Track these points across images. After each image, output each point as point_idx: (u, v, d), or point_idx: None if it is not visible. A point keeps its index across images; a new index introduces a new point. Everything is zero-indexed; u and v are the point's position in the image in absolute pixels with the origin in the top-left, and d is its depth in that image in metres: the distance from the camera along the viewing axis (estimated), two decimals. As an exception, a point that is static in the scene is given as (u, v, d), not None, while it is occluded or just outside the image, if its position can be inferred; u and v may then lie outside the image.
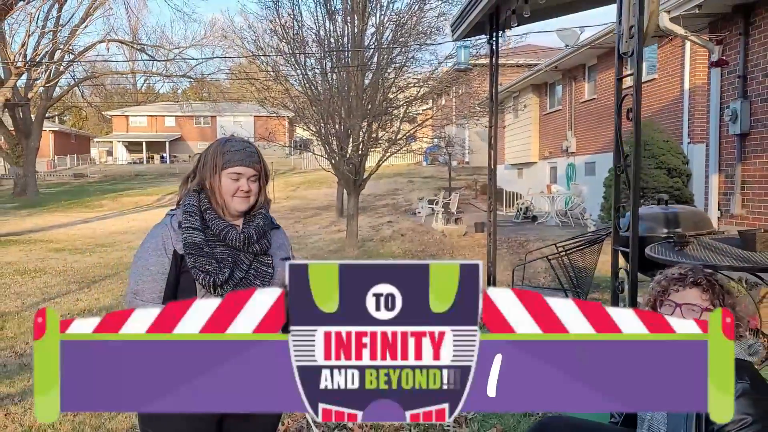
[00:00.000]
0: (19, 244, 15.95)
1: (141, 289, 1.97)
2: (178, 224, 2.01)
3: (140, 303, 1.95)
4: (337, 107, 12.34)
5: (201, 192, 2.05)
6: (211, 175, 2.02)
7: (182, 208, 2.03)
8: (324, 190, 27.26)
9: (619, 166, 2.67)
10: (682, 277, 2.02)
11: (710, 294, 1.98)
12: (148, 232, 2.08)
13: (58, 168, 45.35)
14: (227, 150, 2.02)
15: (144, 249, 2.02)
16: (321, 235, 16.06)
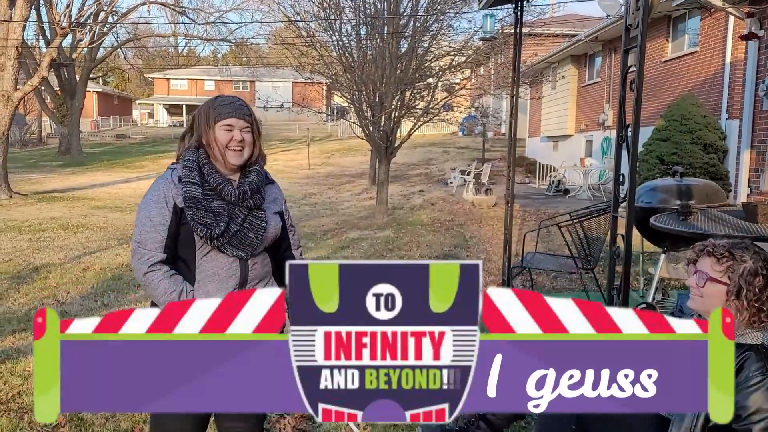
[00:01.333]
0: (63, 200, 16.60)
1: (144, 239, 2.11)
2: (179, 178, 2.14)
3: (144, 252, 2.10)
4: (371, 75, 12.41)
5: (199, 148, 2.19)
6: (205, 130, 2.16)
7: (182, 163, 2.16)
8: (359, 158, 27.42)
9: (621, 136, 2.76)
10: (707, 246, 2.04)
11: (725, 266, 1.96)
12: (150, 185, 2.20)
13: (101, 129, 46.49)
14: (218, 105, 2.16)
15: (147, 201, 2.15)
16: (352, 202, 16.29)
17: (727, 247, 1.99)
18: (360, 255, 9.13)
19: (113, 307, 6.50)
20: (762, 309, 1.89)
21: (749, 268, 1.92)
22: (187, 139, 2.23)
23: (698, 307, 2.04)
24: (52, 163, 28.20)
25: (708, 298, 1.97)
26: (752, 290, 1.90)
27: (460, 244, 9.85)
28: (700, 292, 2.00)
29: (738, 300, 1.91)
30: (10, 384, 4.24)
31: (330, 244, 10.32)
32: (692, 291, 2.04)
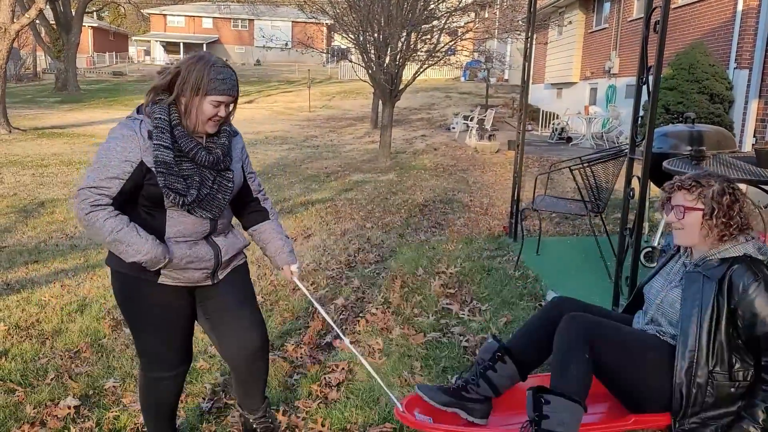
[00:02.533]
0: (63, 136, 16.50)
1: (97, 185, 1.99)
2: (148, 134, 2.02)
3: (91, 194, 1.98)
4: (377, 15, 12.18)
5: (171, 105, 2.06)
6: (191, 96, 2.04)
7: (153, 120, 2.03)
8: (360, 101, 27.14)
9: (642, 78, 2.77)
10: (675, 183, 2.22)
11: (696, 194, 2.15)
12: (114, 129, 2.05)
13: (97, 65, 45.69)
14: (213, 77, 2.03)
15: (108, 149, 2.01)
16: (355, 146, 16.24)
17: (693, 178, 2.19)
18: (364, 197, 9.19)
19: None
20: (730, 223, 2.10)
21: (717, 190, 2.13)
22: (162, 92, 2.08)
23: (683, 240, 2.21)
24: (49, 99, 27.85)
25: (689, 227, 2.16)
26: (722, 208, 2.11)
27: (463, 189, 9.91)
28: (681, 225, 2.18)
29: (711, 219, 2.11)
30: (28, 312, 4.35)
31: (333, 186, 10.37)
32: (674, 227, 2.22)
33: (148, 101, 2.08)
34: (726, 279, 2.05)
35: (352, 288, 4.63)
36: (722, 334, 2.04)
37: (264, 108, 26.11)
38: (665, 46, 2.63)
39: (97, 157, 2.01)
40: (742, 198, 2.15)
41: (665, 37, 2.64)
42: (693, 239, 2.18)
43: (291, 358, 3.38)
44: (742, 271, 2.05)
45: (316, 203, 8.69)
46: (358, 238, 6.48)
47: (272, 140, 17.00)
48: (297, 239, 6.48)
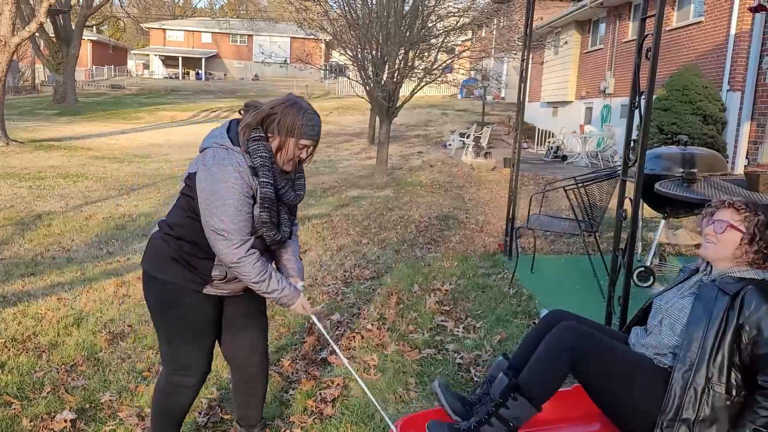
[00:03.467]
0: (60, 149, 16.53)
1: (237, 228, 2.15)
2: (253, 170, 2.17)
3: (237, 238, 2.15)
4: (375, 33, 12.31)
5: (266, 140, 2.22)
6: (286, 136, 2.19)
7: (257, 157, 2.17)
8: (357, 117, 27.29)
9: (634, 102, 2.84)
10: (724, 201, 2.31)
11: (743, 217, 2.23)
12: (225, 168, 2.13)
13: (96, 78, 45.84)
14: (307, 122, 2.20)
15: (230, 189, 2.13)
16: (352, 161, 16.31)
17: (745, 202, 2.28)
18: (360, 213, 9.23)
19: (118, 255, 6.61)
20: (766, 255, 2.20)
21: (763, 221, 2.21)
22: (259, 126, 2.22)
23: (710, 254, 2.28)
24: (47, 112, 27.91)
25: (723, 243, 2.23)
26: (764, 239, 2.20)
27: (459, 206, 9.97)
28: (717, 239, 2.25)
29: (750, 246, 2.20)
30: (24, 325, 4.37)
31: (330, 201, 10.41)
32: (707, 239, 2.28)
33: (246, 137, 2.19)
34: (740, 296, 2.10)
35: (348, 304, 4.66)
36: (726, 348, 2.08)
37: (261, 123, 26.14)
38: (658, 68, 2.70)
39: (221, 196, 2.12)
40: None
41: (657, 63, 2.71)
42: (720, 256, 2.24)
43: (286, 373, 3.41)
44: (757, 292, 2.10)
45: (313, 218, 8.73)
46: (354, 254, 6.52)
47: (269, 155, 17.06)
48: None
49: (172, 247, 2.28)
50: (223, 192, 2.11)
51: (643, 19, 2.87)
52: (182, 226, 2.26)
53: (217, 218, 2.13)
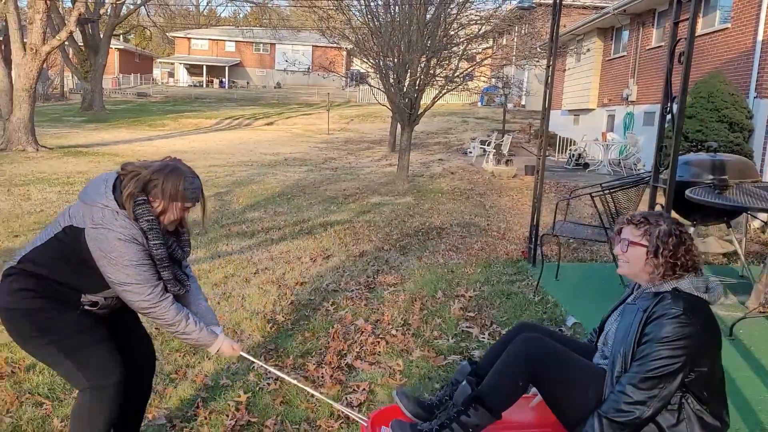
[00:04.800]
0: (88, 155, 16.81)
1: (145, 278, 2.27)
2: (143, 233, 2.27)
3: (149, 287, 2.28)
4: (397, 41, 12.36)
5: (148, 204, 2.30)
6: (169, 202, 2.31)
7: (145, 221, 2.27)
8: (378, 124, 27.37)
9: (666, 107, 2.81)
10: (628, 217, 2.35)
11: (642, 231, 2.25)
12: (114, 231, 2.22)
13: (122, 86, 46.58)
14: (188, 186, 2.32)
15: (127, 248, 2.23)
16: (372, 168, 16.36)
17: (643, 215, 2.29)
18: (382, 220, 9.25)
19: (144, 260, 6.69)
20: (676, 264, 2.18)
21: (664, 230, 2.21)
22: (138, 195, 2.28)
23: (626, 272, 2.32)
24: (75, 119, 28.41)
25: (633, 260, 2.26)
26: (668, 248, 2.19)
27: (480, 213, 9.94)
28: (626, 258, 2.28)
29: (656, 258, 2.20)
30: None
31: (352, 208, 10.45)
32: (619, 258, 2.32)
33: (126, 200, 2.25)
34: (649, 309, 2.16)
35: (371, 309, 4.67)
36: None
37: (284, 130, 26.41)
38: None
39: (128, 261, 2.22)
40: (689, 241, 2.23)
41: (690, 67, 2.69)
42: (633, 272, 2.28)
43: (312, 377, 3.42)
44: (664, 302, 2.15)
45: (335, 225, 8.76)
46: (376, 260, 6.53)
47: (291, 162, 17.18)
48: (316, 260, 6.55)
49: (32, 280, 2.30)
50: (121, 250, 2.21)
51: (676, 23, 2.85)
52: (47, 266, 2.31)
53: (121, 274, 2.23)
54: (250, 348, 3.88)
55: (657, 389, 2.06)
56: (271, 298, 5.07)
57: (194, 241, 7.64)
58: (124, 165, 2.36)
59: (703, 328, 2.10)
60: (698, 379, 2.11)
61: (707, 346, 2.12)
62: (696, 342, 2.08)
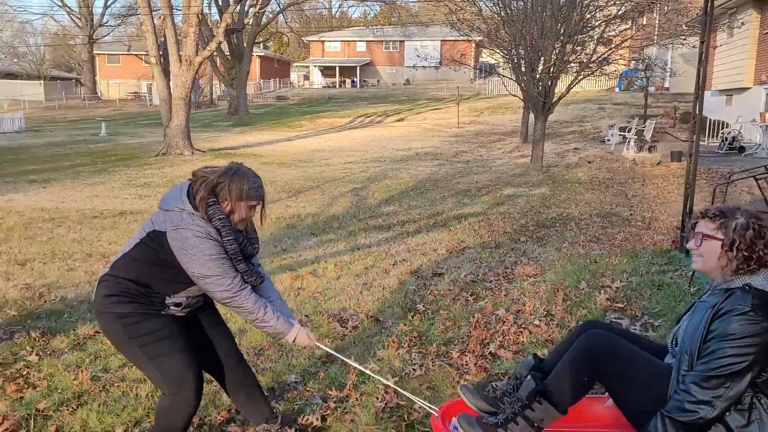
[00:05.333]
0: (235, 156, 18.06)
1: (223, 270, 2.47)
2: (217, 232, 2.48)
3: (228, 279, 2.47)
4: (530, 28, 12.10)
5: (218, 205, 2.50)
6: (235, 201, 2.49)
7: (218, 219, 2.48)
8: (508, 116, 26.90)
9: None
10: (699, 212, 2.27)
11: (717, 225, 2.15)
12: (191, 229, 2.44)
13: (263, 91, 49.44)
14: (249, 187, 2.50)
15: (204, 244, 2.44)
16: (504, 160, 16.14)
17: (719, 209, 2.20)
18: (516, 211, 9.13)
19: (291, 252, 7.12)
20: (751, 257, 2.08)
21: (741, 223, 2.11)
22: (209, 197, 2.49)
23: (700, 267, 2.22)
24: (223, 123, 30.62)
25: (706, 255, 2.17)
26: (744, 241, 2.09)
27: (622, 203, 9.51)
28: (700, 252, 2.19)
29: (731, 251, 2.10)
30: (217, 312, 4.85)
31: (485, 200, 10.40)
32: (693, 253, 2.24)
33: (202, 204, 2.48)
34: (718, 305, 2.08)
35: (511, 299, 4.66)
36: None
37: (414, 125, 26.73)
38: None
39: (207, 256, 2.45)
40: (759, 232, 2.11)
41: None
42: (708, 267, 2.19)
43: (456, 364, 3.49)
44: (733, 298, 2.06)
45: (469, 217, 8.78)
46: (513, 251, 6.48)
47: (423, 156, 17.37)
48: (452, 252, 6.61)
49: (123, 286, 2.53)
50: (199, 246, 2.43)
51: None
52: (135, 271, 2.54)
53: (203, 268, 2.45)
54: (394, 335, 4.02)
55: (723, 388, 1.99)
56: (411, 288, 5.21)
57: (334, 235, 8.03)
58: (194, 172, 2.58)
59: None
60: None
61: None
62: (766, 340, 1.97)
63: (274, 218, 9.19)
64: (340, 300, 4.97)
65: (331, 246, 7.34)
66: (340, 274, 5.86)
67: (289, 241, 7.75)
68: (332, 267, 6.15)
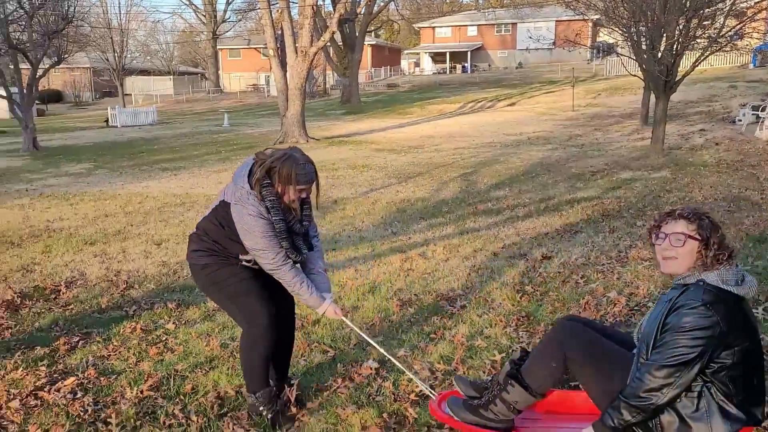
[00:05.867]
0: (348, 144, 18.61)
1: (269, 245, 2.78)
2: (267, 210, 2.76)
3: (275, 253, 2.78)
4: (651, 3, 11.50)
5: (272, 187, 2.77)
6: (285, 185, 2.76)
7: (269, 200, 2.76)
8: (627, 97, 25.66)
9: None
10: (672, 212, 2.33)
11: (696, 225, 2.25)
12: (251, 212, 2.74)
13: (374, 79, 50.23)
14: (300, 172, 2.74)
15: (255, 221, 2.75)
16: (622, 143, 15.48)
17: (691, 209, 2.32)
18: (634, 196, 8.79)
19: (401, 235, 7.31)
20: (717, 254, 2.22)
21: (708, 224, 2.26)
22: (263, 179, 2.76)
23: (674, 268, 2.29)
24: (335, 112, 31.51)
25: (684, 255, 2.26)
26: (715, 239, 2.24)
27: (752, 187, 8.88)
28: (676, 253, 2.26)
29: (706, 250, 2.24)
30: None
31: (600, 184, 10.08)
32: (666, 255, 2.30)
33: (255, 183, 2.77)
34: (674, 300, 2.23)
35: (624, 282, 4.56)
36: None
37: (526, 109, 26.17)
38: None
39: (256, 232, 2.77)
40: (722, 231, 2.30)
41: None
42: (682, 268, 2.27)
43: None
44: (688, 294, 2.20)
45: (582, 201, 8.57)
46: (629, 235, 6.28)
47: (535, 141, 17.02)
48: (563, 235, 6.52)
49: (205, 243, 2.95)
50: (251, 223, 2.76)
51: None
52: (211, 230, 2.93)
53: (252, 241, 2.78)
54: (501, 315, 4.08)
55: (673, 377, 2.13)
56: (519, 270, 5.22)
57: (443, 218, 8.13)
58: (257, 153, 2.86)
59: (724, 321, 2.12)
60: (721, 371, 2.15)
61: (730, 339, 2.13)
62: (715, 333, 2.11)
63: (385, 203, 9.43)
64: (449, 281, 5.08)
65: (440, 229, 7.45)
66: (448, 257, 5.96)
67: (399, 224, 7.94)
68: (441, 249, 6.26)
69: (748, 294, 2.23)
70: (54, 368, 3.79)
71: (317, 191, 2.89)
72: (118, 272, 6.06)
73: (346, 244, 6.94)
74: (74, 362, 3.88)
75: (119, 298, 5.23)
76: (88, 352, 4.05)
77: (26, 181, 13.52)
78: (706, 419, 2.16)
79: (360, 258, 6.27)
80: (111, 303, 5.14)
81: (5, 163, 17.44)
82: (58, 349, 4.10)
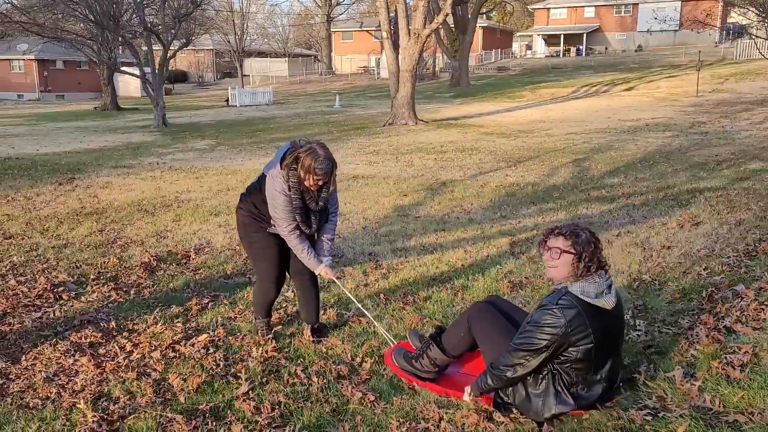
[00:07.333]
0: (456, 127, 18.54)
1: (284, 216, 3.52)
2: (288, 188, 3.45)
3: (286, 222, 3.53)
4: (795, -20, 10.57)
5: (297, 171, 3.41)
6: (305, 173, 3.38)
7: (291, 181, 3.44)
8: (759, 83, 23.79)
9: None
10: (554, 229, 2.82)
11: (571, 242, 2.71)
12: (276, 187, 3.47)
13: (484, 62, 49.47)
14: (317, 166, 3.34)
15: (278, 196, 3.48)
16: (751, 132, 14.40)
17: (570, 228, 2.78)
18: (764, 187, 8.20)
19: (510, 219, 7.26)
20: (588, 265, 2.70)
21: (586, 239, 2.73)
22: (291, 166, 3.43)
23: (554, 276, 2.79)
24: (444, 95, 31.39)
25: (561, 266, 2.74)
26: (588, 254, 2.70)
27: None
28: (555, 263, 2.75)
29: (580, 261, 2.70)
30: (440, 270, 5.22)
31: (726, 174, 9.47)
32: (548, 265, 2.81)
33: (286, 170, 3.43)
34: (543, 299, 2.86)
35: (753, 276, 4.32)
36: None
37: (645, 94, 24.89)
38: None
39: (277, 203, 3.50)
40: (600, 245, 2.77)
41: None
42: (560, 276, 2.76)
43: (686, 334, 3.41)
44: (550, 296, 2.78)
45: (705, 191, 8.11)
46: (757, 228, 5.90)
47: (653, 127, 16.20)
48: (684, 226, 6.23)
49: (247, 204, 3.71)
50: (275, 195, 3.48)
51: None
52: (253, 196, 3.69)
53: (273, 210, 3.53)
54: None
55: (523, 359, 2.71)
56: (636, 258, 5.07)
57: (554, 204, 7.98)
58: (293, 141, 3.51)
59: (570, 324, 2.63)
60: (566, 363, 2.70)
61: (573, 339, 2.64)
62: (560, 332, 2.63)
63: (494, 186, 9.37)
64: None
65: (551, 215, 7.33)
66: (560, 242, 5.87)
67: (508, 208, 7.88)
68: (552, 234, 6.17)
69: (605, 306, 2.68)
70: (188, 325, 4.16)
71: (334, 184, 3.55)
72: (240, 242, 6.47)
73: (455, 225, 7.00)
74: (205, 321, 4.23)
75: (242, 266, 5.60)
76: (217, 313, 4.40)
77: (157, 155, 14.57)
78: (542, 398, 2.72)
79: (469, 239, 6.32)
80: (235, 270, 5.51)
81: (139, 138, 18.86)
82: (190, 309, 4.48)
